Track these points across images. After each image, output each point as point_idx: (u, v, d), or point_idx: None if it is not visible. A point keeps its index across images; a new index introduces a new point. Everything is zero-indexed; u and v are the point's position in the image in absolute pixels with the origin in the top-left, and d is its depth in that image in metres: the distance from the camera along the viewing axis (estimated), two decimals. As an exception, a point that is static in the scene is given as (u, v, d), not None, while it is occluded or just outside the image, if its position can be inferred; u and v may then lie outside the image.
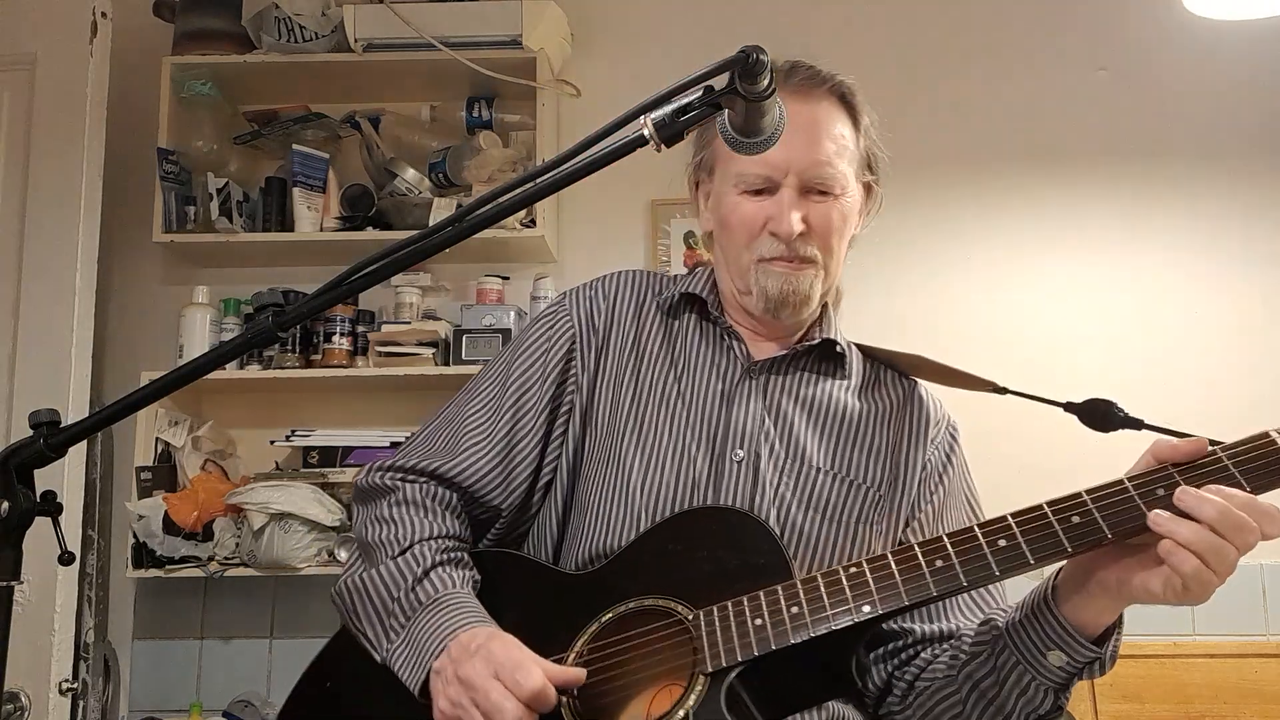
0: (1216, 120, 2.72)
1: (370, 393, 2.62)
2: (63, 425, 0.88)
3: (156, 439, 2.55)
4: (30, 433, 0.87)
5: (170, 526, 2.39)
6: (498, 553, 1.22)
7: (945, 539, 0.96)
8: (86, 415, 1.18)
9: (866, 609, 0.95)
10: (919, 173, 2.74)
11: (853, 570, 0.98)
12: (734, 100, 0.83)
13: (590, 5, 2.79)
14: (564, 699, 1.01)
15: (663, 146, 0.83)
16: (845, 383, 1.25)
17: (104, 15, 2.31)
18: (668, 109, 0.82)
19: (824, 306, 1.28)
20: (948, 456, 1.24)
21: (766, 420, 1.19)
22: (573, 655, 1.06)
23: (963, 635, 1.12)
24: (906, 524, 1.20)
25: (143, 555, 2.42)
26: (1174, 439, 0.96)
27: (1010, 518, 0.95)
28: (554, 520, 1.24)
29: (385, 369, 2.48)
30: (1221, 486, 0.90)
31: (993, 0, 2.81)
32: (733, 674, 0.97)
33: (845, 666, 1.00)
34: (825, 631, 0.96)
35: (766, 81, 0.82)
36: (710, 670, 0.98)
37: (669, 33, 2.78)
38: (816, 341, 1.24)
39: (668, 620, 1.04)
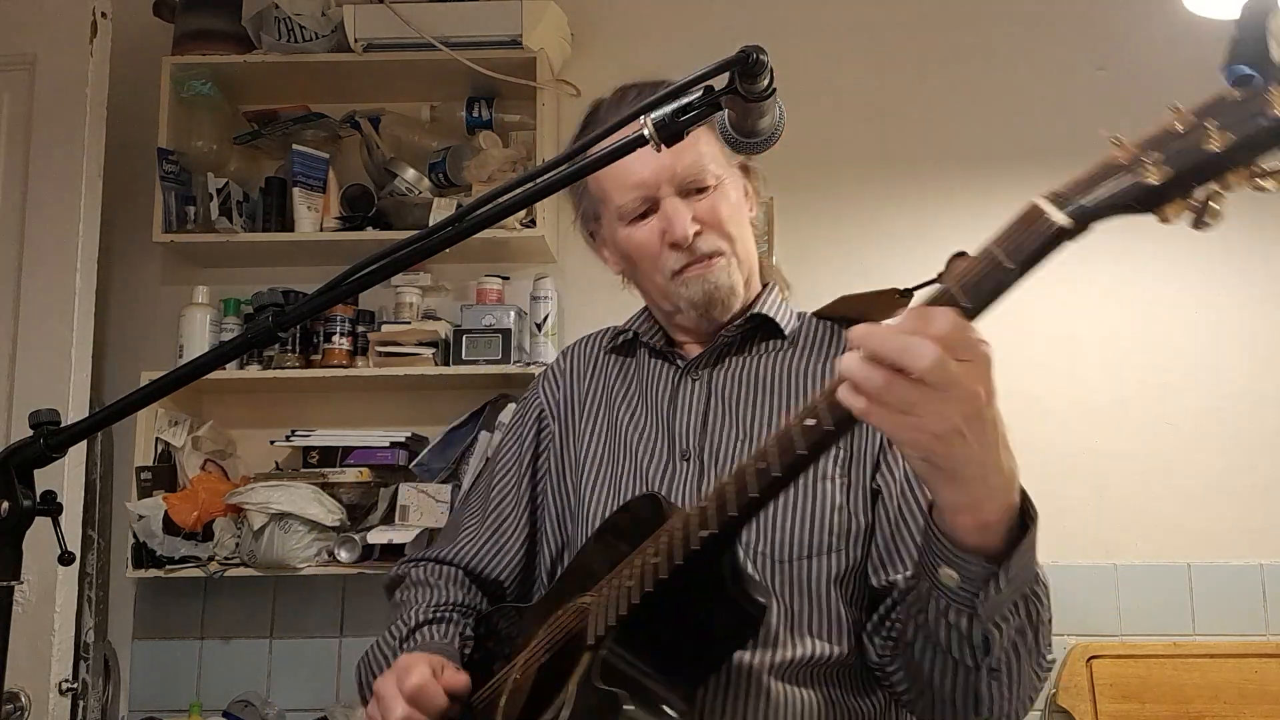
0: (1216, 120, 2.72)
1: (370, 393, 2.62)
2: (63, 425, 0.88)
3: (156, 439, 2.54)
4: (30, 433, 0.87)
5: (170, 526, 2.39)
6: (500, 608, 1.29)
7: (768, 442, 0.88)
8: (86, 415, 1.18)
9: (704, 533, 0.90)
10: (918, 172, 2.74)
11: (701, 504, 0.93)
12: (734, 100, 0.83)
13: (590, 5, 2.79)
14: (499, 704, 1.09)
15: (663, 146, 0.83)
16: (790, 350, 1.26)
17: (104, 15, 2.30)
18: (668, 109, 0.82)
19: (764, 288, 1.31)
20: None
21: (710, 410, 1.22)
22: (515, 670, 1.12)
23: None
24: (875, 469, 1.15)
25: (143, 555, 2.42)
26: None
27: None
28: (549, 573, 1.32)
29: (385, 369, 2.48)
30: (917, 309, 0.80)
31: (993, 0, 2.81)
32: (607, 640, 0.96)
33: (723, 597, 0.95)
34: (674, 569, 0.92)
35: (766, 81, 0.82)
36: (590, 643, 0.98)
37: (669, 33, 2.78)
38: (740, 321, 1.26)
39: (573, 611, 1.07)
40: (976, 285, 0.80)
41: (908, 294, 1.22)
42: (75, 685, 2.14)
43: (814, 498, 1.13)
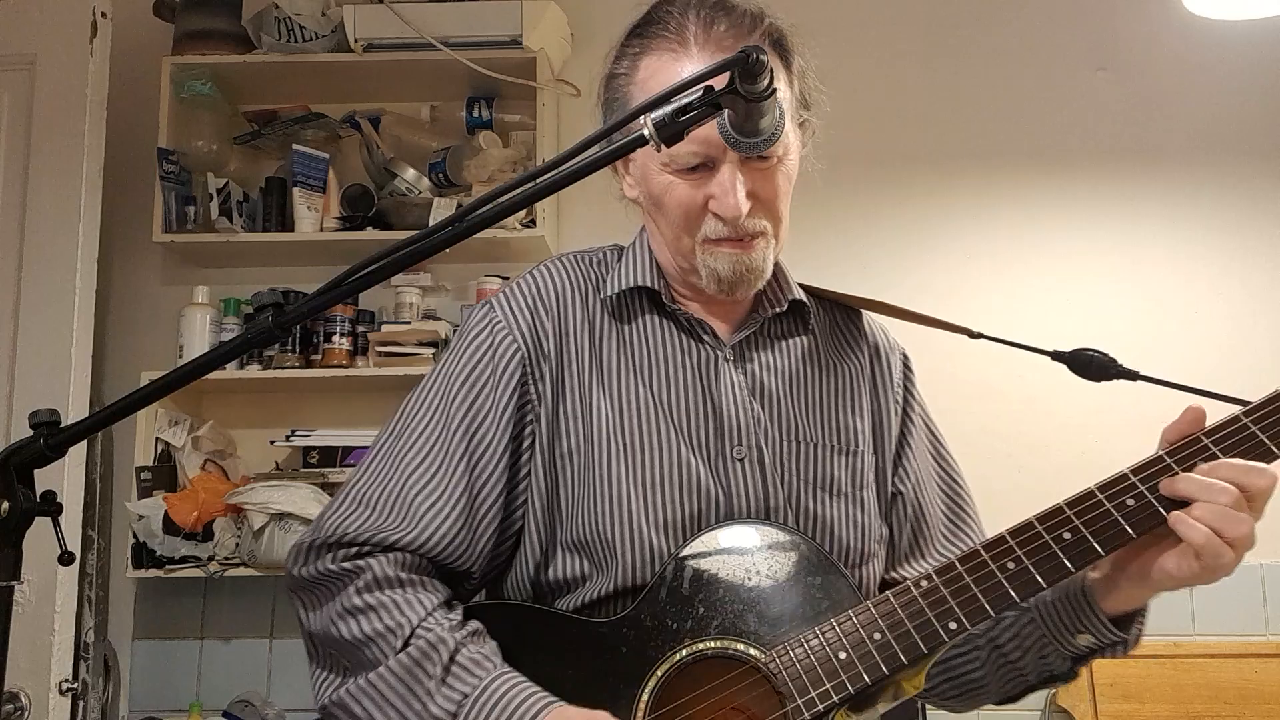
0: (1216, 120, 2.72)
1: (370, 393, 2.62)
2: (63, 425, 0.87)
3: (156, 439, 2.55)
4: (30, 433, 0.87)
5: (170, 526, 2.39)
6: (504, 607, 1.10)
7: (1008, 537, 0.97)
8: (86, 415, 1.18)
9: (953, 626, 0.95)
10: (918, 172, 2.74)
11: (925, 586, 0.97)
12: (734, 100, 0.83)
13: (590, 5, 2.79)
14: None
15: (663, 146, 0.83)
16: (810, 338, 1.19)
17: (104, 15, 2.30)
18: (668, 109, 0.82)
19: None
20: (907, 389, 1.23)
21: (755, 405, 1.11)
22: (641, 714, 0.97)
23: None
24: (894, 473, 1.18)
25: (143, 555, 2.43)
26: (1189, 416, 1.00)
27: (1067, 507, 0.97)
28: (538, 566, 1.10)
29: (385, 369, 2.48)
30: (1220, 463, 0.95)
31: (993, 0, 2.81)
32: (832, 716, 0.95)
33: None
34: (916, 657, 0.95)
35: (766, 81, 0.82)
36: (809, 716, 0.94)
37: (669, 33, 2.78)
38: (785, 308, 1.17)
39: (739, 668, 0.97)
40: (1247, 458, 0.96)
41: (976, 336, 1.29)
42: (75, 685, 2.14)
43: (861, 506, 1.13)
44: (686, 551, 1.03)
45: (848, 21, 2.82)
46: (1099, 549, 0.94)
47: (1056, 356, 1.20)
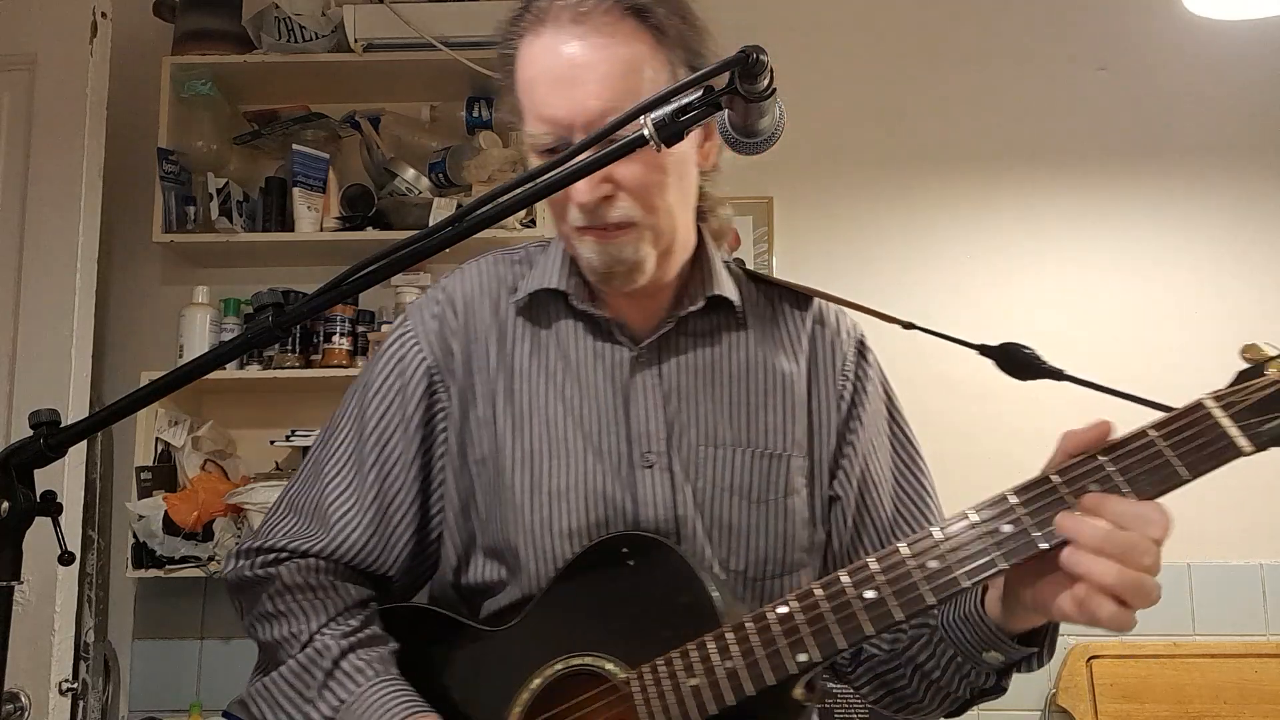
0: (1217, 120, 2.72)
1: (370, 393, 2.62)
2: (63, 425, 0.87)
3: (156, 439, 2.55)
4: (30, 433, 0.87)
5: (170, 526, 2.39)
6: (412, 609, 1.11)
7: (871, 563, 0.88)
8: (86, 415, 1.18)
9: (802, 658, 0.88)
10: (918, 172, 2.74)
11: (782, 612, 0.90)
12: (734, 100, 0.83)
13: (590, 5, 2.79)
14: None
15: (663, 146, 0.83)
16: (743, 333, 1.12)
17: (104, 15, 2.30)
18: (668, 109, 0.82)
19: (699, 248, 1.12)
20: (857, 380, 1.14)
21: (670, 408, 1.07)
22: None
23: None
24: (833, 475, 1.11)
25: (143, 555, 2.43)
26: (1083, 428, 0.86)
27: (938, 531, 0.87)
28: (457, 570, 1.12)
29: (385, 369, 2.48)
30: (1107, 499, 0.82)
31: (994, 0, 2.81)
32: None
33: (788, 702, 0.92)
34: (762, 689, 0.89)
35: (766, 81, 0.82)
36: None
37: (669, 33, 2.78)
38: (701, 305, 1.09)
39: (602, 685, 0.96)
40: (1150, 484, 0.84)
41: (909, 326, 1.19)
42: (75, 685, 2.14)
43: (785, 516, 1.07)
44: (572, 564, 1.02)
45: (847, 22, 2.82)
46: (961, 583, 0.84)
47: (984, 351, 1.11)
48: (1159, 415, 0.84)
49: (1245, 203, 2.69)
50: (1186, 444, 0.82)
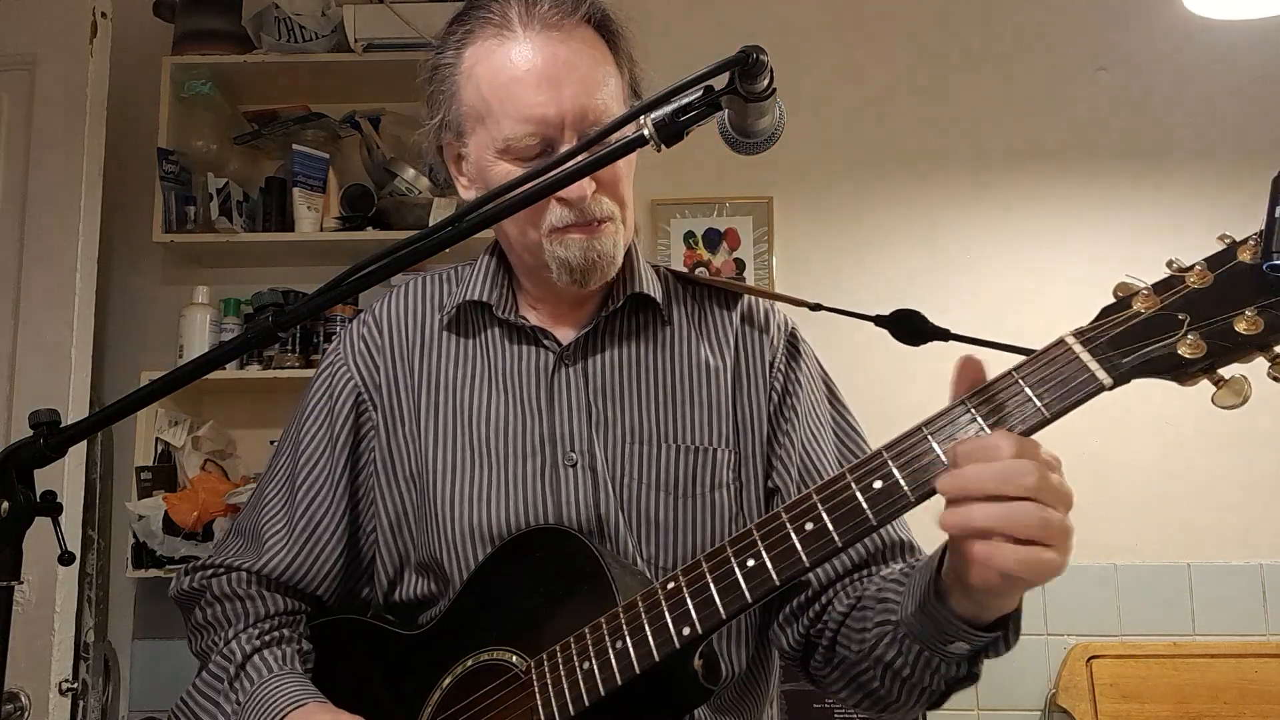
0: (1216, 120, 2.72)
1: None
2: (63, 425, 0.87)
3: (156, 439, 2.55)
4: (30, 433, 0.87)
5: (170, 526, 2.39)
6: (338, 620, 1.15)
7: (754, 531, 0.86)
8: (86, 415, 1.18)
9: (686, 631, 0.87)
10: (918, 172, 2.74)
11: (670, 586, 0.89)
12: (734, 100, 0.83)
13: (590, 5, 2.79)
14: None
15: (663, 146, 0.83)
16: (668, 329, 1.14)
17: (104, 15, 2.30)
18: (668, 109, 0.82)
19: (626, 251, 1.15)
20: (789, 372, 1.14)
21: (594, 407, 1.08)
22: None
23: (865, 600, 1.03)
24: (769, 468, 1.11)
25: (143, 555, 2.43)
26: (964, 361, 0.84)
27: (815, 494, 0.85)
28: (388, 589, 1.15)
29: (385, 369, 2.48)
30: (960, 444, 0.79)
31: (993, 0, 2.81)
32: None
33: (690, 681, 0.90)
34: (650, 666, 0.88)
35: (766, 81, 0.82)
36: None
37: (669, 32, 2.78)
38: (621, 303, 1.12)
39: (505, 676, 0.97)
40: (1013, 425, 0.80)
41: (816, 308, 1.20)
42: (75, 685, 2.14)
43: (712, 510, 1.08)
44: (484, 563, 1.04)
45: (847, 22, 2.82)
46: (837, 541, 0.82)
47: (878, 321, 1.12)
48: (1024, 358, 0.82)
49: (1245, 202, 2.69)
50: (1048, 381, 0.79)
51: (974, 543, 0.77)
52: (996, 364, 0.84)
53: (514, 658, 0.97)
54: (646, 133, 0.82)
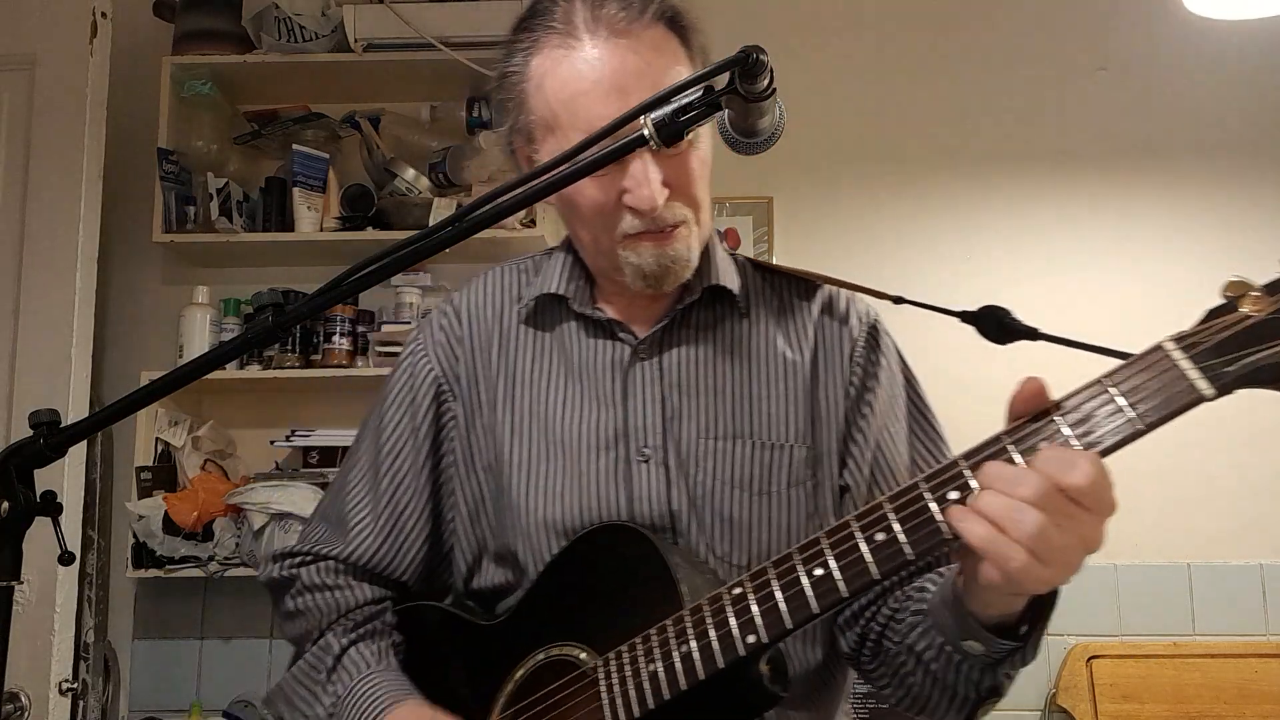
0: (1216, 120, 2.72)
1: (370, 393, 2.56)
2: (63, 425, 0.87)
3: (156, 439, 2.55)
4: (30, 433, 0.87)
5: (170, 526, 2.39)
6: (422, 606, 1.16)
7: (823, 538, 0.85)
8: (86, 415, 1.18)
9: (751, 639, 0.86)
10: (918, 172, 2.74)
11: (736, 592, 0.88)
12: (734, 100, 0.83)
13: (590, 5, 2.79)
14: None
15: (663, 146, 0.83)
16: (745, 323, 1.12)
17: (104, 15, 2.30)
18: (668, 109, 0.82)
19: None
20: (868, 365, 1.12)
21: (669, 402, 1.07)
22: None
23: (908, 590, 1.02)
24: (843, 464, 1.09)
25: (143, 555, 2.43)
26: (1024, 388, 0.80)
27: (887, 503, 0.83)
28: (467, 576, 1.16)
29: (385, 369, 2.47)
30: (997, 465, 0.77)
31: (993, 0, 2.81)
32: None
33: (756, 685, 0.89)
34: (714, 671, 0.87)
35: (766, 81, 0.82)
36: None
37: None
38: (698, 296, 1.10)
39: (574, 673, 0.97)
40: (1105, 437, 0.78)
41: (899, 301, 1.18)
42: (75, 685, 2.14)
43: (788, 508, 1.06)
44: (558, 557, 1.04)
45: (847, 22, 2.82)
46: (908, 552, 0.80)
47: (964, 317, 1.10)
48: (1118, 364, 0.77)
49: (1246, 203, 2.69)
50: (1141, 390, 0.75)
51: (978, 531, 0.77)
52: (1088, 367, 0.82)
53: (582, 654, 0.98)
54: (646, 133, 0.82)
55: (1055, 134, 2.74)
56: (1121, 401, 0.75)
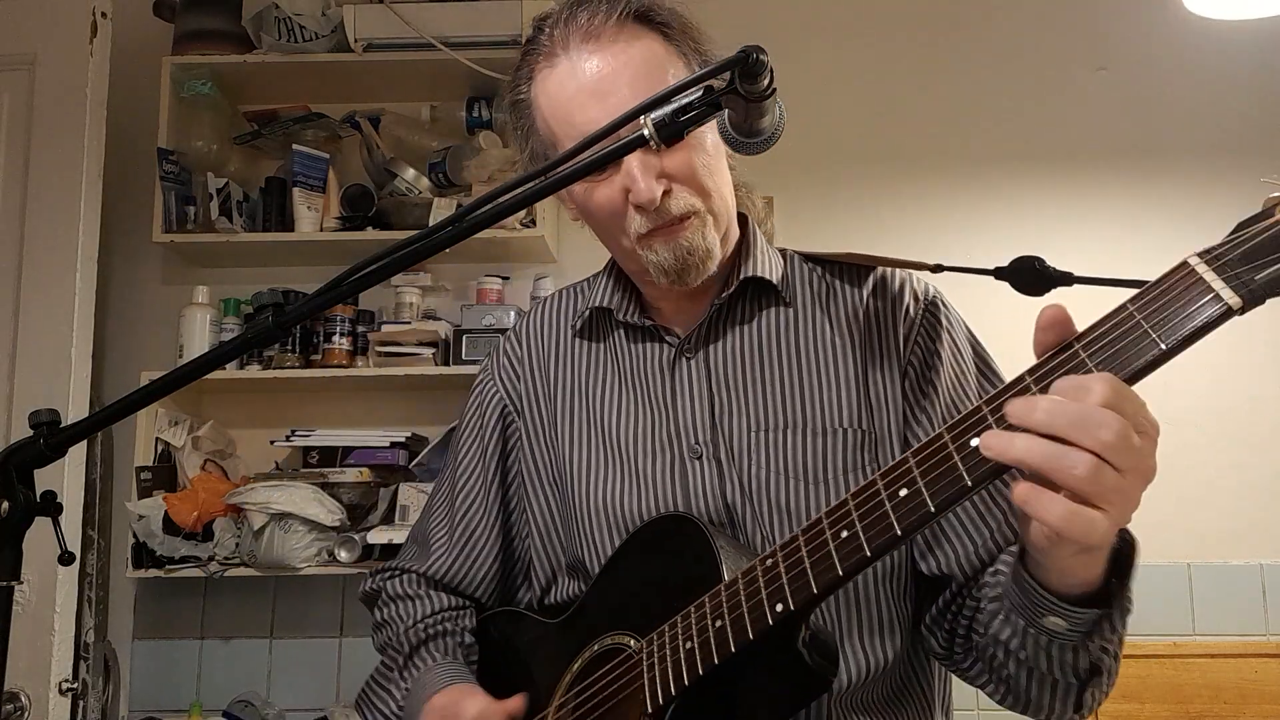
0: (1216, 120, 2.72)
1: (370, 393, 2.62)
2: (63, 425, 0.87)
3: (156, 439, 2.55)
4: (30, 433, 0.87)
5: (170, 526, 2.39)
6: (498, 613, 1.23)
7: (849, 499, 0.82)
8: (86, 415, 1.18)
9: (779, 608, 0.83)
10: (918, 172, 2.74)
11: (768, 563, 0.86)
12: (734, 100, 0.83)
13: (590, 5, 2.79)
14: None
15: (663, 146, 0.83)
16: (789, 312, 1.12)
17: (104, 15, 2.30)
18: (668, 109, 0.82)
19: (743, 235, 1.15)
20: (928, 344, 1.09)
21: (716, 397, 1.08)
22: (551, 711, 1.04)
23: (986, 579, 0.98)
24: (906, 445, 1.06)
25: (143, 555, 2.43)
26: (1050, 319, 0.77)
27: (912, 457, 0.78)
28: (544, 589, 1.20)
29: (385, 369, 2.48)
30: (1071, 377, 0.72)
31: (993, 0, 2.81)
32: (670, 710, 0.90)
33: (798, 664, 0.85)
34: (745, 643, 0.85)
35: (766, 81, 0.82)
36: (649, 711, 0.91)
37: (669, 33, 2.78)
38: (734, 289, 1.11)
39: (621, 657, 0.98)
40: (1125, 362, 0.71)
41: (938, 269, 1.17)
42: (75, 685, 2.14)
43: (845, 494, 0.99)
44: (614, 553, 1.07)
45: (847, 22, 2.82)
46: (931, 505, 0.75)
47: (998, 274, 1.06)
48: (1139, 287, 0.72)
49: (1245, 202, 2.68)
50: (1164, 309, 0.70)
51: (1018, 483, 0.71)
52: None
53: (630, 640, 0.99)
54: (646, 133, 0.82)
55: (1055, 134, 2.74)
56: (1145, 325, 0.70)
